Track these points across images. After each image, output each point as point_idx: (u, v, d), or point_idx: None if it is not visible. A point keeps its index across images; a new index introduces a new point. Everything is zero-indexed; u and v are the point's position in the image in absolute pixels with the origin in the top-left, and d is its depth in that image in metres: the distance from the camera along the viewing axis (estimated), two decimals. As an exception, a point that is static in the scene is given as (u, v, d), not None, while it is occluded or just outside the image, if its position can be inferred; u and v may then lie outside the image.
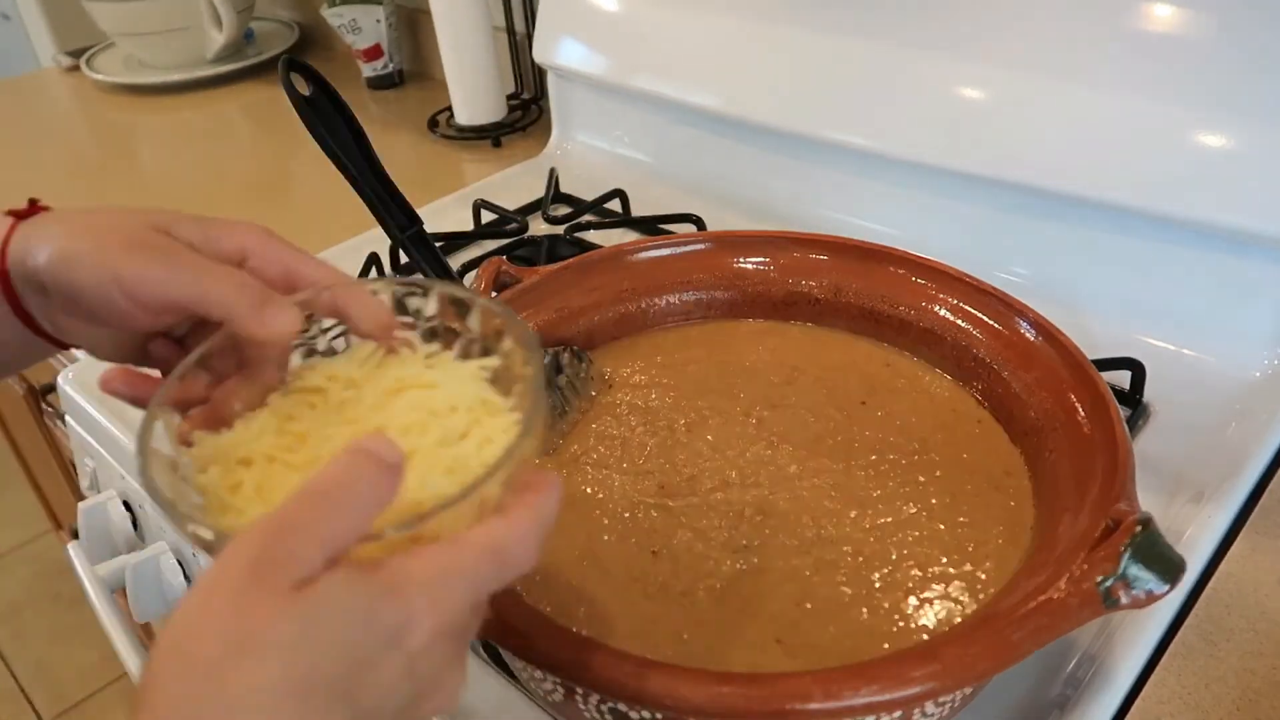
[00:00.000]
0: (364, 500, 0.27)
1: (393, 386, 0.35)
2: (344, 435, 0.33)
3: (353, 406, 0.35)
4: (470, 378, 0.36)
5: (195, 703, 0.23)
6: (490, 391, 0.36)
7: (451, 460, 0.32)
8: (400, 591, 0.26)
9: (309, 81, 0.51)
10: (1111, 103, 0.67)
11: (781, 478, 0.52)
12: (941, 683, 0.36)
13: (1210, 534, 0.54)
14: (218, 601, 0.24)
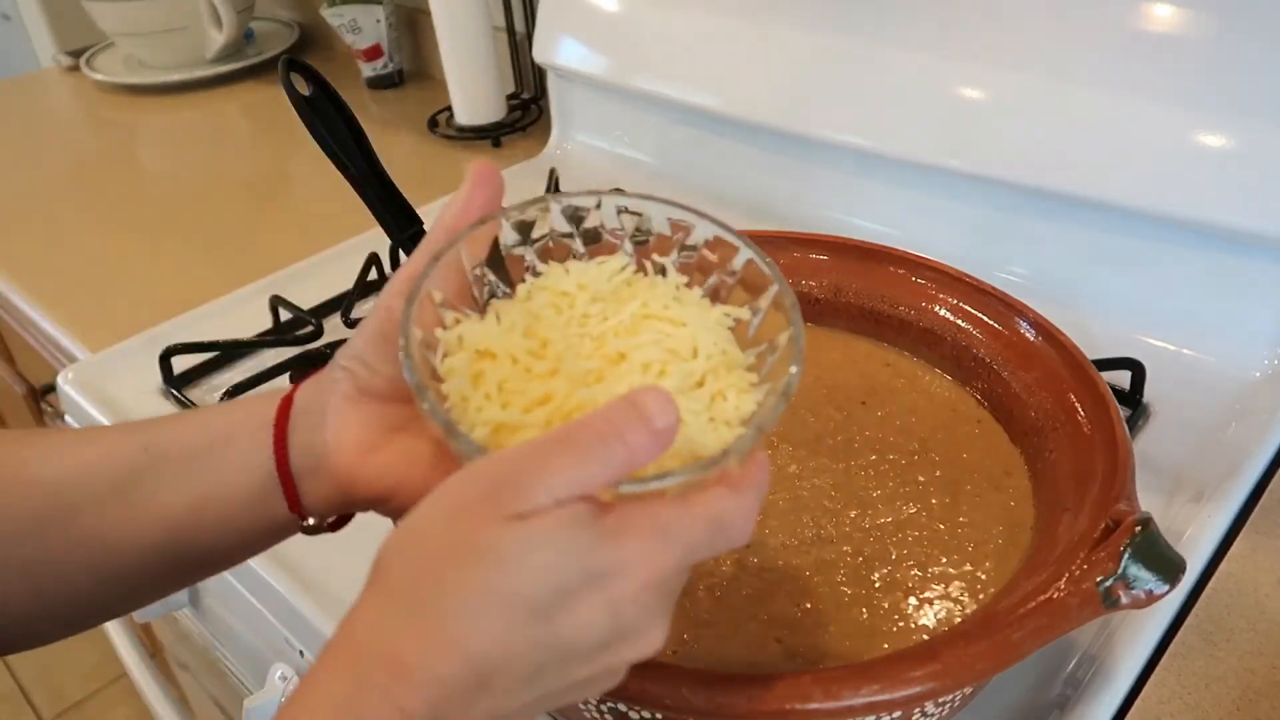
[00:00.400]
0: (619, 460, 0.27)
1: (639, 311, 0.34)
2: (586, 351, 0.33)
3: (597, 323, 0.34)
4: (715, 323, 0.35)
5: (414, 590, 0.26)
6: (731, 343, 0.35)
7: (684, 411, 0.31)
8: (618, 539, 0.27)
9: (309, 81, 0.51)
10: (1111, 103, 0.67)
11: (781, 477, 0.52)
12: (941, 683, 0.36)
13: (1210, 534, 0.54)
14: (449, 510, 0.27)
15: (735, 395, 0.33)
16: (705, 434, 0.32)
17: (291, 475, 0.36)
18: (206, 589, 0.70)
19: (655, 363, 0.33)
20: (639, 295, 0.35)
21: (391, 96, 1.30)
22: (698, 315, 0.35)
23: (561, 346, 0.33)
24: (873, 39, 0.78)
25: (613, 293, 0.35)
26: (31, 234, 1.03)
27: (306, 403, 0.37)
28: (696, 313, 0.35)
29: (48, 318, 0.87)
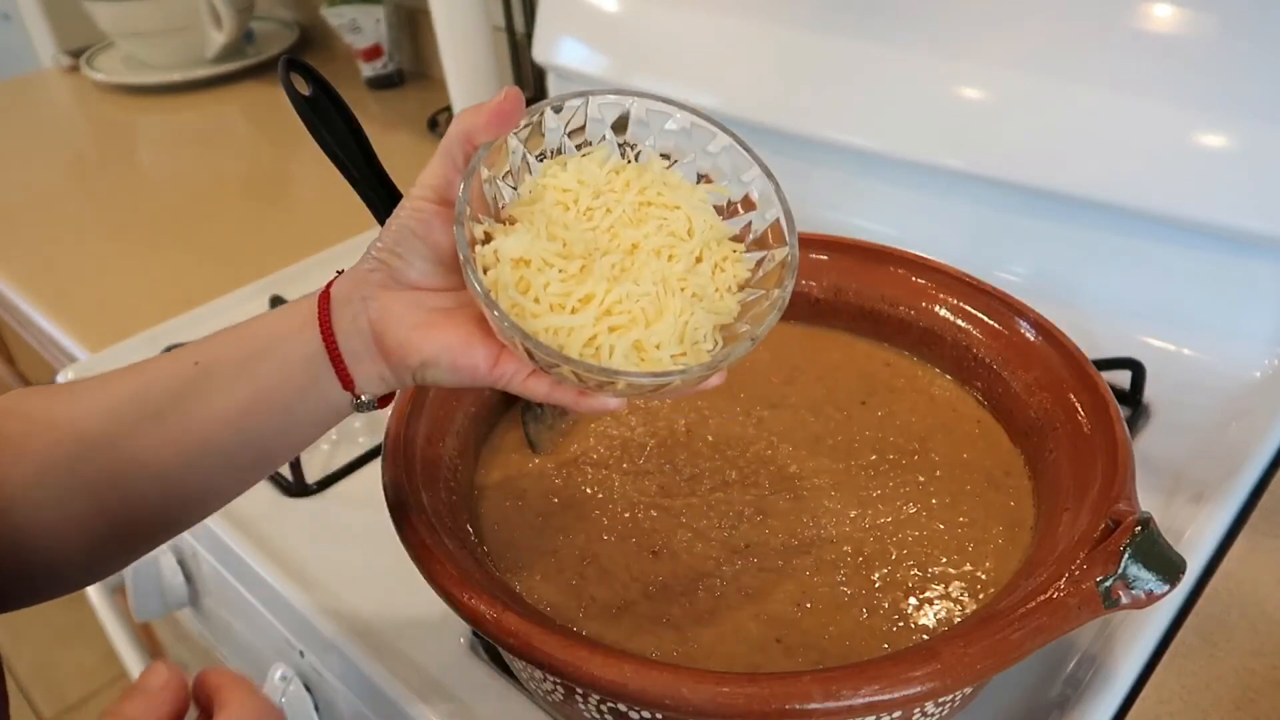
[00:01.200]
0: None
1: (637, 199, 0.40)
2: (604, 246, 0.38)
3: (602, 215, 0.39)
4: (702, 202, 0.41)
5: None
6: (718, 219, 0.41)
7: (696, 287, 0.38)
8: None
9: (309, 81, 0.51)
10: (1111, 103, 0.67)
11: (782, 478, 0.52)
12: (941, 683, 0.36)
13: (1210, 534, 0.54)
14: None
15: (731, 266, 0.40)
16: (717, 303, 0.39)
17: (342, 357, 0.40)
18: (206, 589, 0.70)
19: (665, 248, 0.39)
20: (631, 183, 0.40)
21: (391, 96, 1.30)
22: (686, 196, 0.40)
23: (581, 247, 0.38)
24: (873, 39, 0.78)
25: (607, 183, 0.40)
26: (31, 234, 1.03)
27: (344, 294, 0.40)
28: (685, 194, 0.41)
29: (48, 318, 0.87)
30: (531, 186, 0.40)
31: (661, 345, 0.37)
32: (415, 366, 0.40)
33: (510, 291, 0.37)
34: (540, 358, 0.36)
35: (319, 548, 0.59)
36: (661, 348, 0.37)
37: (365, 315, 0.40)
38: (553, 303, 0.37)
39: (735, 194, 0.42)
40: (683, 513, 0.50)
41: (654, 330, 0.37)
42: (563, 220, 0.38)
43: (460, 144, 0.39)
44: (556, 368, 0.36)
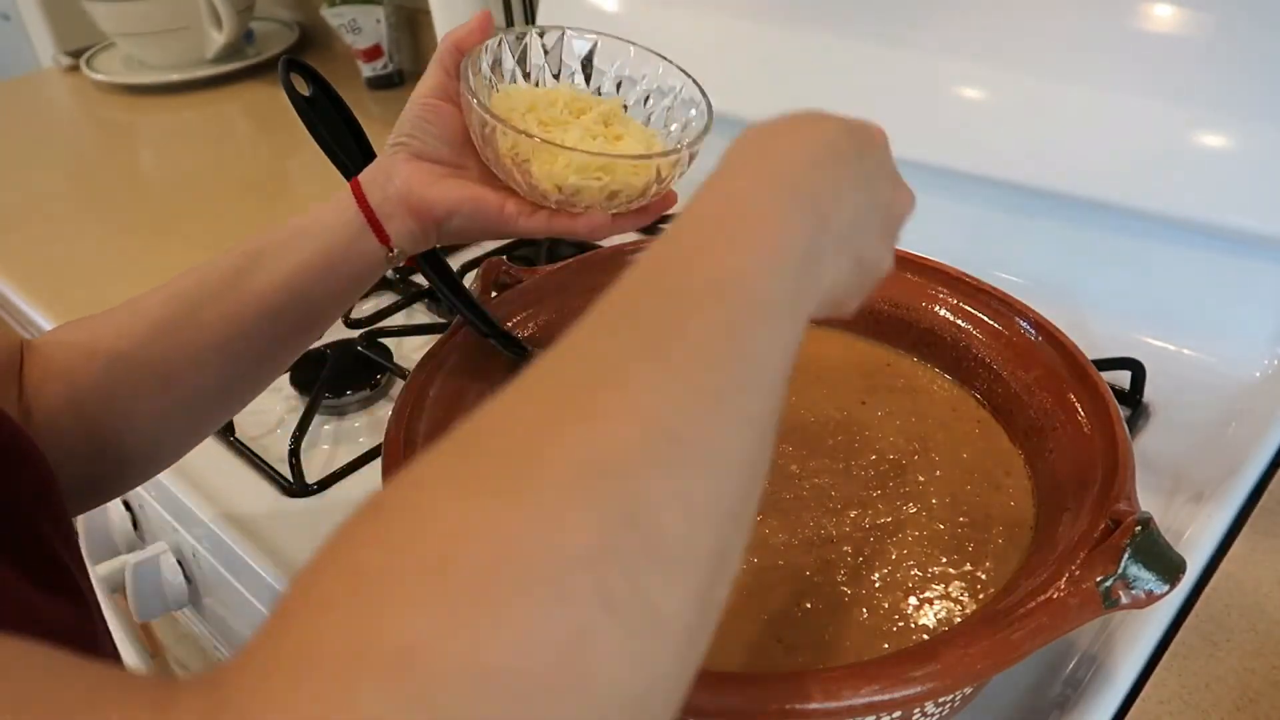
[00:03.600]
0: None
1: (594, 118, 0.50)
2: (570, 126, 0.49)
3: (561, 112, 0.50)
4: (648, 136, 0.51)
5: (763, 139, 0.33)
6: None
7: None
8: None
9: (309, 81, 0.51)
10: (1111, 103, 0.67)
11: (782, 477, 0.52)
12: (941, 683, 0.36)
13: (1210, 534, 0.54)
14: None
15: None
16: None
17: (377, 216, 0.47)
18: (207, 589, 0.70)
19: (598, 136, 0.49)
20: (593, 107, 0.50)
21: (391, 96, 1.30)
22: (635, 130, 0.50)
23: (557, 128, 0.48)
24: (873, 39, 0.78)
25: (575, 99, 0.50)
26: (31, 234, 1.03)
27: (372, 175, 0.49)
28: (634, 129, 0.50)
29: (48, 318, 0.87)
30: (504, 95, 0.50)
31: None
32: (441, 217, 0.47)
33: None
34: (512, 137, 0.45)
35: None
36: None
37: (393, 184, 0.48)
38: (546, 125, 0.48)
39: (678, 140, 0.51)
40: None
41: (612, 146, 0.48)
42: (532, 111, 0.49)
43: (450, 54, 0.48)
44: (540, 189, 0.46)
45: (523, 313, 0.60)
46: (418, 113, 0.49)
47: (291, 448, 0.64)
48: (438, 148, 0.49)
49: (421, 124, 0.48)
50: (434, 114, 0.48)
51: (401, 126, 0.49)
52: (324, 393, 0.68)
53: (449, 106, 0.49)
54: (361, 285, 0.50)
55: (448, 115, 0.48)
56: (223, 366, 0.47)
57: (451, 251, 0.89)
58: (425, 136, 0.48)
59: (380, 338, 0.75)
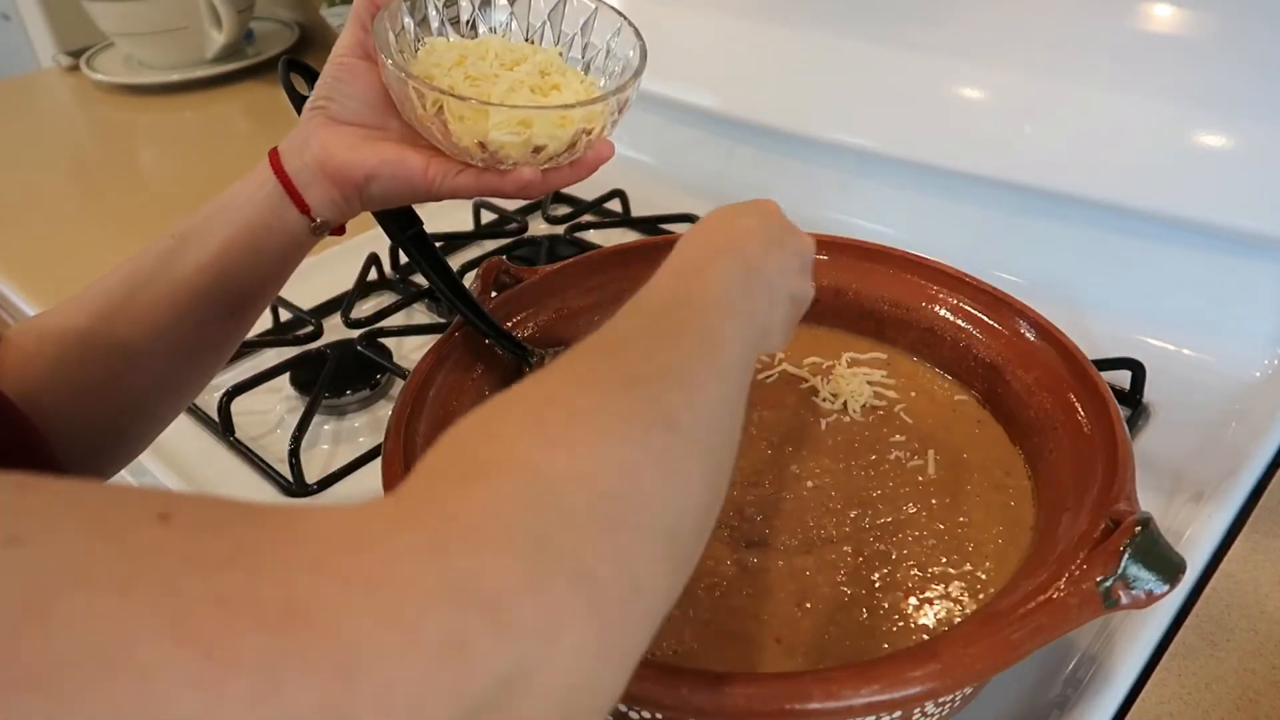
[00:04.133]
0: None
1: (529, 69, 0.48)
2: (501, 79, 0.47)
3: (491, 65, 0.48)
4: (582, 84, 0.49)
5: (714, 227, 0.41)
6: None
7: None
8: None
9: (309, 81, 0.51)
10: (1111, 103, 0.67)
11: (782, 477, 0.52)
12: (941, 683, 0.36)
13: (1210, 534, 0.54)
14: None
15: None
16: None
17: (295, 186, 0.46)
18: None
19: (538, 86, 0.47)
20: (527, 58, 0.49)
21: (391, 96, 1.30)
22: (571, 79, 0.49)
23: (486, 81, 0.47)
24: (873, 39, 0.78)
25: (509, 50, 0.49)
26: (31, 234, 1.03)
27: (289, 143, 0.47)
28: (570, 77, 0.49)
29: (48, 318, 0.87)
30: (429, 48, 0.48)
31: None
32: (360, 182, 0.46)
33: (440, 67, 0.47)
34: (429, 97, 0.43)
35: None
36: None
37: (310, 151, 0.46)
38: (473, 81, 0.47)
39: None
40: (683, 513, 0.50)
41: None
42: (459, 65, 0.47)
43: (367, 8, 0.46)
44: (462, 145, 0.44)
45: (523, 313, 0.60)
46: (334, 73, 0.47)
47: (291, 448, 0.64)
48: (356, 109, 0.47)
49: (338, 84, 0.47)
50: (350, 73, 0.47)
51: (318, 89, 0.47)
52: (324, 393, 0.68)
53: (366, 64, 0.47)
54: (289, 261, 0.49)
55: (365, 74, 0.47)
56: (164, 355, 0.46)
57: (451, 251, 0.89)
58: (342, 98, 0.46)
59: (380, 338, 0.75)
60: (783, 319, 0.41)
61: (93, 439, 0.47)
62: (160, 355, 0.46)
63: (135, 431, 0.50)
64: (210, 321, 0.47)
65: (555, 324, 0.61)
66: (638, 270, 0.63)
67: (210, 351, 0.50)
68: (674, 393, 0.29)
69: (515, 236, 0.89)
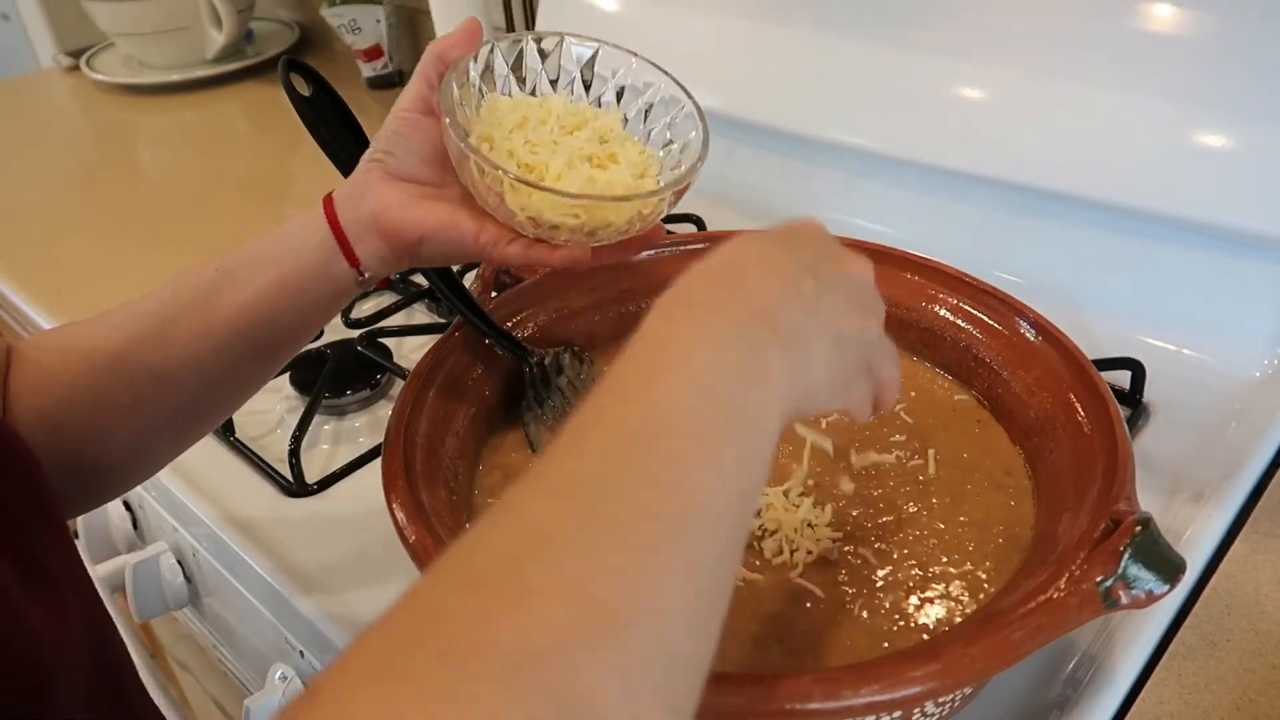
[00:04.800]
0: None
1: (589, 136, 0.48)
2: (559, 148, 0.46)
3: (552, 132, 0.47)
4: (640, 154, 0.49)
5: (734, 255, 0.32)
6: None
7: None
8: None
9: (309, 81, 0.51)
10: (1111, 103, 0.67)
11: (782, 478, 0.52)
12: (942, 683, 0.36)
13: (1210, 534, 0.54)
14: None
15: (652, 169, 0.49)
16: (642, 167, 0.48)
17: (347, 238, 0.46)
18: (206, 589, 0.70)
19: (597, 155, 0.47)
20: (589, 122, 0.49)
21: (391, 96, 1.29)
22: (630, 150, 0.48)
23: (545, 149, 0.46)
24: (873, 39, 0.78)
25: (571, 113, 0.49)
26: (31, 234, 1.03)
27: (345, 193, 0.46)
28: (630, 147, 0.48)
29: (47, 318, 0.87)
30: (491, 106, 0.48)
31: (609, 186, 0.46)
32: (413, 242, 0.46)
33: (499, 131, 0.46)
34: (488, 172, 0.43)
35: (319, 548, 0.59)
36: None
37: (365, 204, 0.46)
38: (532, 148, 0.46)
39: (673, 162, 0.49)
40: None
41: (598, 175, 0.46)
42: (520, 129, 0.47)
43: (434, 64, 0.46)
44: (516, 219, 0.44)
45: (523, 313, 0.60)
46: (395, 127, 0.47)
47: (291, 448, 0.64)
48: (414, 165, 0.47)
49: (399, 139, 0.46)
50: (412, 128, 0.46)
51: (378, 141, 0.47)
52: (324, 393, 0.68)
53: (430, 120, 0.46)
54: (331, 309, 0.48)
55: (427, 130, 0.46)
56: (194, 383, 0.46)
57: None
58: (402, 153, 0.46)
59: (380, 338, 0.75)
60: (827, 372, 0.32)
61: (110, 460, 0.47)
62: (191, 384, 0.46)
63: (152, 455, 0.49)
64: (246, 358, 0.47)
65: (555, 324, 0.61)
66: (638, 269, 0.63)
67: (240, 385, 0.50)
68: (597, 655, 0.21)
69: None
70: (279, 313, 0.46)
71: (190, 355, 0.45)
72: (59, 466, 0.43)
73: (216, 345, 0.45)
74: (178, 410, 0.47)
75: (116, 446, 0.46)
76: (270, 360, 0.49)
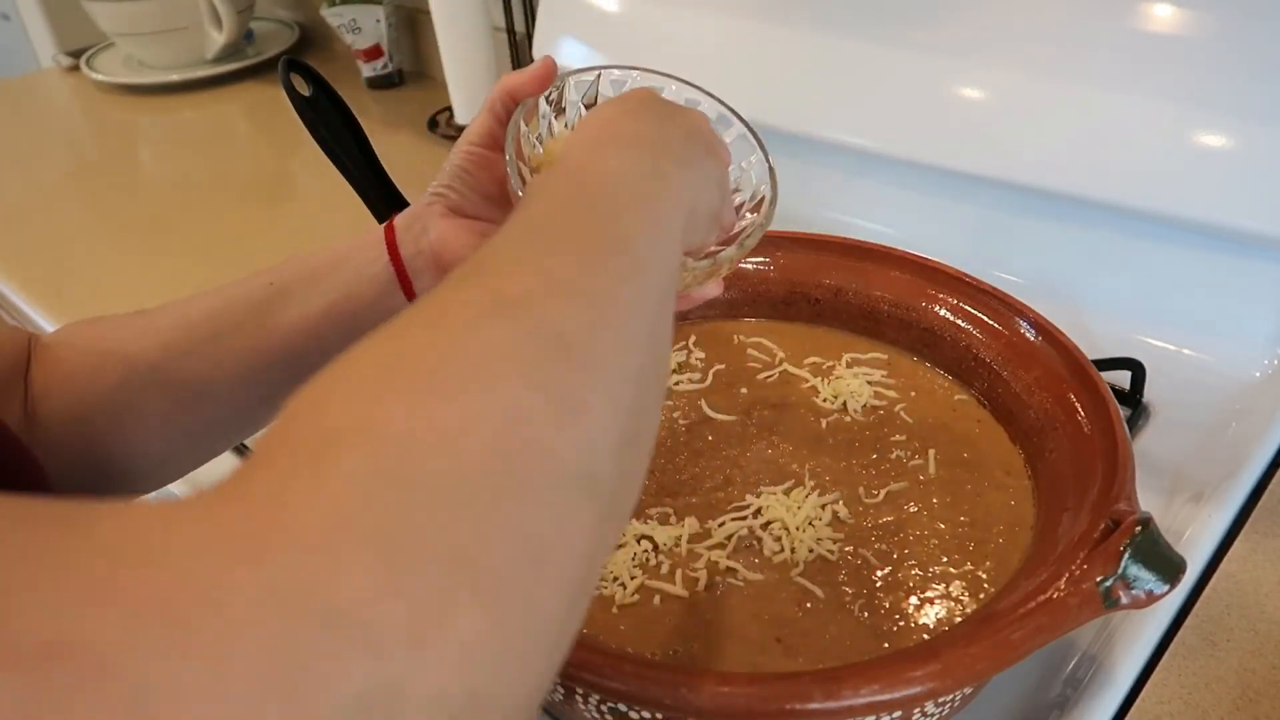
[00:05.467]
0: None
1: None
2: None
3: None
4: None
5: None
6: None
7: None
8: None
9: (309, 81, 0.51)
10: (1111, 103, 0.67)
11: (783, 477, 0.52)
12: (941, 683, 0.36)
13: (1210, 534, 0.54)
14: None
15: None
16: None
17: (407, 272, 0.45)
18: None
19: None
20: None
21: (391, 96, 1.30)
22: None
23: None
24: (872, 39, 0.78)
25: None
26: (31, 234, 1.03)
27: (407, 223, 0.46)
28: None
29: (48, 318, 0.87)
30: (559, 141, 0.46)
31: None
32: None
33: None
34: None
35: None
36: None
37: (426, 239, 0.45)
38: None
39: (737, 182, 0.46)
40: (684, 512, 0.50)
41: None
42: None
43: (502, 100, 0.45)
44: None
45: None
46: (459, 162, 0.46)
47: (291, 448, 0.64)
48: (477, 202, 0.46)
49: (462, 174, 0.46)
50: (476, 165, 0.46)
51: (442, 175, 0.46)
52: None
53: (495, 156, 0.46)
54: None
55: (490, 167, 0.46)
56: (235, 398, 0.45)
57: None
58: (464, 189, 0.46)
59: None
60: (704, 197, 0.37)
61: (137, 464, 0.46)
62: (231, 399, 0.45)
63: (180, 462, 0.49)
64: (294, 378, 0.46)
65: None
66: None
67: (278, 405, 0.48)
68: (564, 308, 0.25)
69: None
70: (331, 336, 0.45)
71: (237, 372, 0.45)
72: (83, 465, 0.43)
73: (264, 364, 0.45)
74: (213, 423, 0.46)
75: (146, 453, 0.45)
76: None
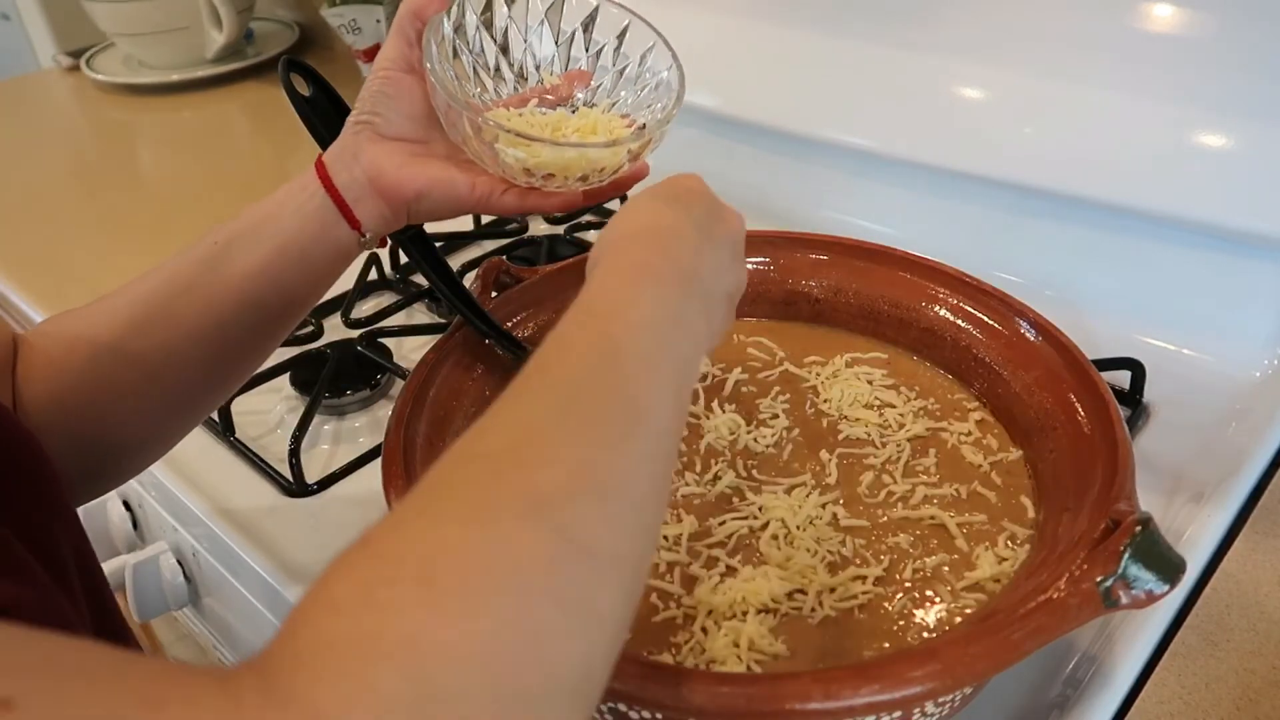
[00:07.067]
0: None
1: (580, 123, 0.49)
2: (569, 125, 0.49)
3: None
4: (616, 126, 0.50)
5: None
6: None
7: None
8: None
9: (309, 81, 0.51)
10: (1111, 103, 0.67)
11: (783, 478, 0.52)
12: (941, 683, 0.36)
13: (1210, 534, 0.54)
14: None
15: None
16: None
17: (346, 201, 0.47)
18: (207, 589, 0.70)
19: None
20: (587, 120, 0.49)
21: (391, 96, 1.30)
22: (605, 123, 0.49)
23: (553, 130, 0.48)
24: (873, 39, 0.78)
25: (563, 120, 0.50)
26: (31, 234, 1.03)
27: (336, 154, 0.47)
28: (605, 122, 0.49)
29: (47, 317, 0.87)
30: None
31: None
32: (410, 199, 0.47)
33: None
34: (483, 127, 0.45)
35: (319, 548, 0.59)
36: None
37: (359, 166, 0.47)
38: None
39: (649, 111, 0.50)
40: (685, 512, 0.50)
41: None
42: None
43: (410, 21, 0.47)
44: (509, 165, 0.45)
45: (523, 313, 0.60)
46: (378, 87, 0.47)
47: (291, 448, 0.64)
48: (402, 124, 0.47)
49: (384, 99, 0.47)
50: (395, 87, 0.47)
51: (363, 102, 0.48)
52: (324, 393, 0.68)
53: (411, 78, 0.47)
54: (335, 270, 0.49)
55: (410, 88, 0.47)
56: (203, 359, 0.47)
57: (451, 251, 0.89)
58: (389, 113, 0.47)
59: (380, 338, 0.75)
60: (722, 321, 0.39)
61: (124, 439, 0.48)
62: (198, 360, 0.46)
63: (166, 432, 0.50)
64: (254, 326, 0.47)
65: (555, 324, 0.61)
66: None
67: (248, 356, 0.50)
68: (592, 508, 0.26)
69: (515, 237, 0.89)
70: (283, 280, 0.47)
71: (198, 329, 0.46)
72: (75, 449, 0.44)
73: (222, 318, 0.46)
74: (188, 387, 0.48)
75: (129, 427, 0.47)
76: (277, 328, 0.49)
